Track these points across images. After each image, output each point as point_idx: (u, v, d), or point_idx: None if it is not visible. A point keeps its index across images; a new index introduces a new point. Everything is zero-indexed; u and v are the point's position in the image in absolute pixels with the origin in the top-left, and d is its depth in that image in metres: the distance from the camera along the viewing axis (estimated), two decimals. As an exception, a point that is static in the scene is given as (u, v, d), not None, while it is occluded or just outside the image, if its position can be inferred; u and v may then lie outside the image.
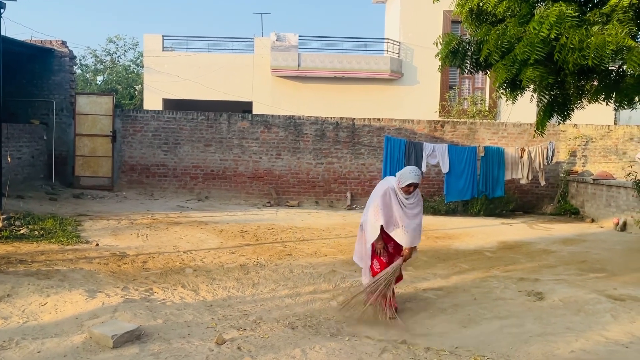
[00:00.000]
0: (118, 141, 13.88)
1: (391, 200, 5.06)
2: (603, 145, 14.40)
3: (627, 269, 7.56)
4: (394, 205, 5.05)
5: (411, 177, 4.96)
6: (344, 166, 14.17)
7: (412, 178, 4.96)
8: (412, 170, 5.04)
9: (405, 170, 5.09)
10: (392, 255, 5.24)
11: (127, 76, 27.99)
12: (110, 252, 7.27)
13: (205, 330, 4.57)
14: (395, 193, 5.07)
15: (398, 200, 5.05)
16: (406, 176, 4.99)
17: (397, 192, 5.06)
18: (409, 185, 4.97)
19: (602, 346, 4.53)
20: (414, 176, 4.97)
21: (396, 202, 5.05)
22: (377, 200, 5.12)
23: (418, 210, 5.14)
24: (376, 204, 5.10)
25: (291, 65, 19.22)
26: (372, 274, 5.23)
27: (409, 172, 5.02)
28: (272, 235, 9.26)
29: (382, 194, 5.10)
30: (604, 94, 6.51)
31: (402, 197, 5.05)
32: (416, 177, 4.97)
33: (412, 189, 5.02)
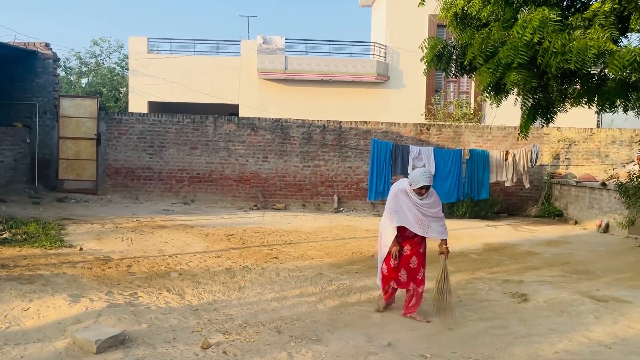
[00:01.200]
0: (102, 144, 13.76)
1: (404, 200, 5.16)
2: (586, 148, 14.58)
3: (609, 270, 7.65)
4: (408, 206, 5.14)
5: (422, 180, 5.04)
6: (330, 169, 14.18)
7: (423, 181, 5.03)
8: (422, 173, 5.11)
9: (416, 172, 5.17)
10: (407, 256, 5.24)
11: (111, 79, 27.76)
12: (94, 256, 7.20)
13: (191, 334, 4.54)
14: (407, 194, 5.16)
15: (412, 202, 5.14)
16: (417, 179, 5.07)
17: (410, 194, 5.14)
18: (421, 187, 5.06)
19: (585, 347, 4.58)
20: (425, 179, 5.04)
21: (410, 203, 5.14)
22: (390, 202, 5.26)
23: (438, 210, 5.23)
24: (389, 207, 5.25)
25: (278, 68, 19.21)
26: (381, 276, 5.34)
27: (420, 175, 5.09)
28: (258, 238, 9.24)
29: (393, 195, 5.25)
30: (587, 97, 6.58)
31: (416, 199, 5.13)
32: (427, 180, 5.04)
33: (424, 191, 5.10)
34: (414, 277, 5.24)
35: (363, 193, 13.86)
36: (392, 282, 5.30)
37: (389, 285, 5.34)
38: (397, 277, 5.25)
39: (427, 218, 5.16)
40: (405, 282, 5.26)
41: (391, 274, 5.26)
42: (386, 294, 5.44)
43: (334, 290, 6.17)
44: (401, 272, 5.25)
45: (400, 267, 5.23)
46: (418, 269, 5.25)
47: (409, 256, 5.24)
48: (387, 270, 5.29)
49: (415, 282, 5.25)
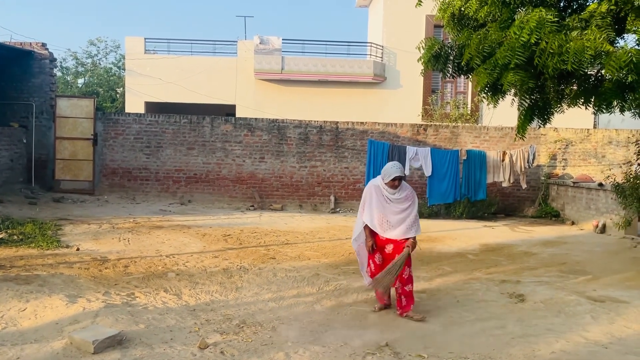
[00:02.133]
0: (99, 144, 13.74)
1: (374, 196, 5.21)
2: (583, 149, 14.62)
3: (606, 270, 7.67)
4: (378, 201, 5.18)
5: (394, 171, 5.07)
6: (327, 169, 14.19)
7: (395, 172, 5.06)
8: (393, 165, 5.17)
9: (387, 166, 5.21)
10: (391, 255, 5.23)
11: (108, 79, 27.74)
12: (91, 257, 7.18)
13: (188, 334, 4.53)
14: (380, 189, 5.20)
15: (383, 197, 5.17)
16: (389, 171, 5.11)
17: (382, 189, 5.19)
18: (394, 179, 5.08)
19: (582, 347, 4.59)
20: (396, 170, 5.08)
21: (380, 198, 5.18)
22: (363, 199, 5.36)
23: (408, 205, 5.20)
24: (361, 203, 5.36)
25: (275, 69, 19.21)
26: (370, 274, 5.36)
27: (391, 167, 5.14)
28: (255, 238, 9.23)
29: (366, 191, 5.33)
30: (583, 98, 6.61)
31: (387, 193, 5.16)
32: (398, 170, 5.07)
33: (397, 183, 5.11)
34: (400, 275, 5.19)
35: (360, 194, 13.83)
36: None
37: None
38: None
39: (392, 217, 5.15)
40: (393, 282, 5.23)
41: (377, 271, 5.26)
42: (377, 294, 5.45)
43: (331, 290, 6.17)
44: None
45: (385, 265, 5.21)
46: (403, 268, 5.17)
47: (392, 255, 5.22)
48: (373, 268, 5.32)
49: (402, 281, 5.22)
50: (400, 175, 5.09)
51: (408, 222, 5.19)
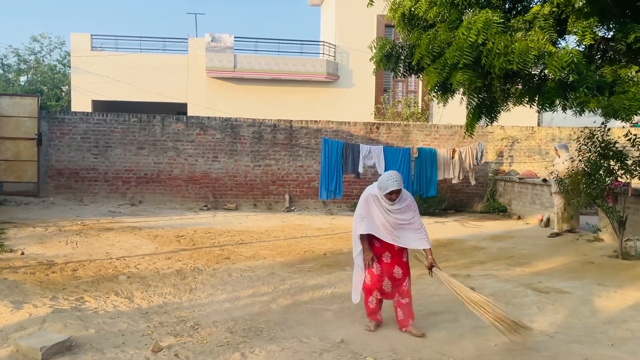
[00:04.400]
0: (44, 144, 13.24)
1: (373, 207, 4.77)
2: (528, 146, 15.16)
3: (550, 262, 7.99)
4: (378, 212, 4.75)
5: (390, 185, 4.61)
6: (282, 168, 14.16)
7: (391, 185, 4.61)
8: (389, 177, 4.65)
9: (383, 177, 4.72)
10: (389, 265, 4.83)
11: (53, 77, 26.77)
12: (37, 261, 6.92)
13: (141, 338, 4.44)
14: (378, 199, 4.76)
15: (382, 207, 4.74)
16: (385, 184, 4.65)
17: (380, 199, 4.74)
18: (390, 192, 4.64)
19: (529, 337, 4.75)
20: (392, 183, 4.61)
21: (379, 209, 4.75)
22: (359, 207, 4.86)
23: (410, 216, 4.78)
24: (358, 213, 4.85)
25: (227, 67, 19.01)
26: (364, 287, 4.88)
27: (387, 180, 4.65)
28: (209, 239, 9.12)
29: (363, 200, 4.84)
30: (528, 97, 6.83)
31: (386, 204, 4.73)
32: (394, 184, 4.60)
33: (394, 196, 4.67)
34: (399, 287, 4.84)
35: (314, 192, 13.91)
36: (375, 292, 4.85)
37: (372, 296, 4.88)
38: (381, 287, 4.83)
39: (397, 225, 4.74)
40: (390, 292, 4.86)
41: (375, 282, 4.81)
42: (369, 309, 4.93)
43: (287, 289, 6.17)
44: (385, 282, 4.83)
45: (384, 275, 4.81)
46: (403, 279, 4.85)
47: (391, 265, 4.83)
48: (370, 279, 4.82)
49: (400, 293, 4.86)
50: (397, 189, 4.63)
51: (420, 231, 4.80)
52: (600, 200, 8.31)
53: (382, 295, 4.88)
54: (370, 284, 4.83)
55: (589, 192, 8.21)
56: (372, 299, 4.88)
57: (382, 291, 4.85)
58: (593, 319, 5.33)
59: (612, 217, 8.27)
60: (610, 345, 4.60)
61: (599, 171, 8.19)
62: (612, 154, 8.16)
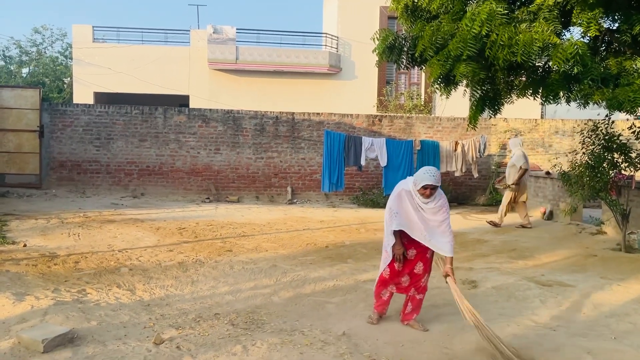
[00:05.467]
0: (46, 136, 13.23)
1: (406, 203, 4.56)
2: (531, 139, 15.09)
3: (553, 255, 7.97)
4: (410, 209, 4.55)
5: (426, 178, 4.37)
6: (284, 160, 14.14)
7: (426, 179, 4.37)
8: (427, 171, 4.44)
9: (420, 171, 4.50)
10: (412, 262, 4.74)
11: (54, 68, 26.72)
12: (40, 253, 6.93)
13: (143, 330, 4.44)
14: (412, 195, 4.54)
15: (415, 204, 4.54)
16: (420, 177, 4.42)
17: (413, 195, 4.53)
18: (425, 187, 4.40)
19: (531, 330, 4.75)
20: (429, 177, 4.37)
21: (412, 206, 4.54)
22: (391, 202, 4.65)
23: (442, 217, 4.56)
24: (390, 207, 4.65)
25: (229, 59, 18.94)
26: (379, 278, 4.80)
27: (424, 173, 4.43)
28: (211, 231, 9.12)
29: (396, 195, 4.63)
30: (532, 89, 6.78)
31: (419, 201, 4.51)
32: (431, 178, 4.36)
33: (428, 192, 4.42)
34: (416, 282, 4.77)
35: (317, 184, 13.90)
36: (391, 286, 4.79)
37: (386, 289, 4.82)
38: (399, 282, 4.76)
39: (428, 225, 4.55)
40: (406, 287, 4.80)
41: (393, 277, 4.74)
42: (380, 301, 4.87)
43: (289, 281, 6.16)
44: (404, 277, 4.76)
45: (404, 272, 4.74)
46: (422, 275, 4.77)
47: (414, 261, 4.74)
48: (389, 274, 4.73)
49: (417, 288, 4.79)
50: (434, 185, 4.39)
51: (448, 236, 4.58)
52: (604, 193, 8.27)
53: (398, 290, 4.82)
54: (388, 278, 4.75)
55: (592, 185, 8.18)
56: (386, 292, 4.82)
57: (399, 286, 4.80)
58: (596, 312, 5.31)
59: (616, 210, 8.23)
60: (613, 339, 4.58)
61: (603, 164, 8.15)
62: (616, 146, 8.11)
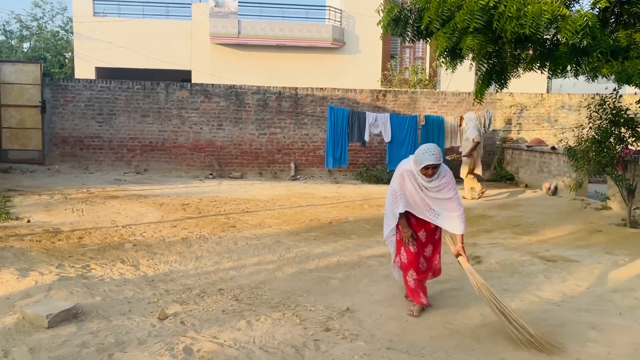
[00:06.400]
0: (48, 112, 13.16)
1: (409, 183, 4.37)
2: (537, 113, 14.94)
3: (558, 231, 7.94)
4: (412, 189, 4.36)
5: (426, 158, 4.15)
6: (287, 136, 14.05)
7: (427, 159, 4.15)
8: (426, 150, 4.20)
9: (420, 150, 4.26)
10: (424, 244, 4.58)
11: (56, 43, 26.49)
12: (43, 229, 6.93)
13: (147, 305, 4.45)
14: (414, 175, 4.34)
15: (418, 183, 4.35)
16: (420, 157, 4.20)
17: (416, 175, 4.32)
18: (426, 167, 4.19)
19: (536, 305, 4.74)
20: (429, 156, 4.14)
21: (415, 186, 4.35)
22: (394, 183, 4.47)
23: (449, 194, 4.34)
24: (393, 189, 4.47)
25: (231, 33, 18.71)
26: (400, 265, 4.63)
27: (423, 153, 4.19)
28: (215, 207, 9.10)
29: (398, 176, 4.44)
30: (539, 62, 6.65)
31: (422, 181, 4.31)
32: (432, 157, 4.14)
33: (430, 172, 4.22)
34: (430, 264, 4.63)
35: (320, 160, 13.83)
36: (411, 270, 4.55)
37: (408, 275, 4.60)
38: (418, 266, 4.56)
39: (435, 204, 4.37)
40: (424, 271, 4.62)
41: (412, 261, 4.53)
42: (411, 289, 4.62)
43: (292, 257, 6.16)
44: (421, 260, 4.58)
45: (420, 254, 4.56)
46: (434, 256, 4.64)
47: (425, 243, 4.58)
48: (407, 258, 4.53)
49: (434, 271, 4.68)
50: (435, 164, 4.17)
51: (458, 212, 4.39)
52: (610, 168, 8.20)
53: (419, 275, 4.58)
54: (407, 262, 4.54)
55: (598, 160, 8.10)
56: (410, 278, 4.60)
57: (419, 270, 4.58)
58: (600, 287, 5.30)
59: (622, 185, 8.17)
60: (618, 314, 4.57)
61: (609, 138, 8.06)
62: (623, 121, 8.01)
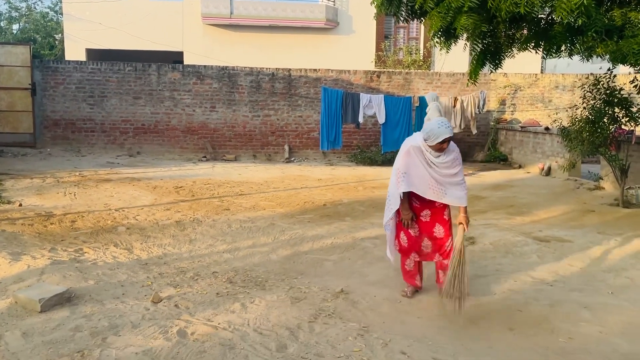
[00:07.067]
0: (38, 94, 13.01)
1: (416, 160, 4.22)
2: (530, 94, 14.91)
3: (551, 211, 7.97)
4: (421, 166, 4.21)
5: (442, 132, 4.01)
6: (281, 118, 13.98)
7: (444, 133, 4.01)
8: (441, 123, 4.07)
9: (432, 124, 4.10)
10: (429, 224, 4.39)
11: (45, 24, 26.10)
12: (35, 212, 6.89)
13: (141, 289, 4.43)
14: (422, 152, 4.20)
15: (426, 160, 4.20)
16: (436, 131, 4.04)
17: (424, 151, 4.19)
18: (442, 142, 4.06)
19: (529, 285, 4.77)
20: (445, 129, 4.02)
21: (423, 162, 4.21)
22: (399, 161, 4.32)
23: (457, 170, 4.24)
24: (397, 168, 4.32)
25: (223, 13, 18.47)
26: (400, 249, 4.47)
27: (438, 127, 4.04)
28: (208, 190, 9.07)
29: (404, 153, 4.29)
30: (534, 42, 6.60)
31: (431, 157, 4.18)
32: (448, 130, 4.02)
33: (446, 146, 4.11)
34: (440, 247, 4.39)
35: (314, 142, 13.79)
36: (413, 254, 4.44)
37: (409, 259, 4.47)
38: (420, 248, 4.43)
39: (443, 180, 4.22)
40: (429, 253, 4.44)
41: (412, 245, 4.39)
42: (407, 272, 4.51)
43: (287, 240, 6.16)
44: (424, 242, 4.42)
45: (423, 236, 4.40)
46: (445, 238, 4.36)
47: (431, 223, 4.38)
48: (407, 241, 4.39)
49: (442, 254, 4.41)
50: (450, 137, 4.05)
51: (462, 187, 4.28)
52: (603, 149, 8.22)
53: (421, 257, 4.48)
54: (407, 246, 4.41)
55: (592, 140, 8.11)
56: (410, 261, 4.47)
57: (421, 252, 4.46)
58: (593, 267, 5.33)
59: (615, 165, 8.19)
60: (610, 294, 4.61)
61: (603, 119, 8.06)
62: (617, 101, 8.00)
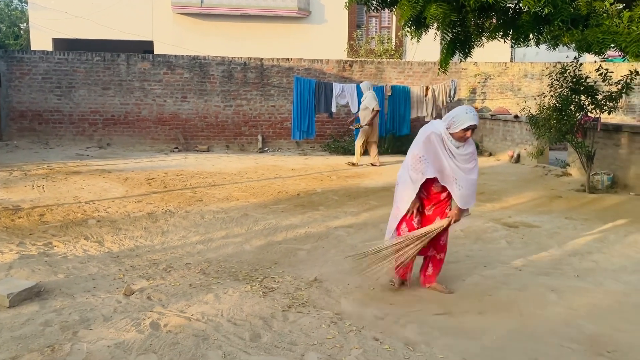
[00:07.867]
0: (4, 85, 12.68)
1: (437, 147, 4.02)
2: (500, 82, 15.13)
3: (520, 197, 8.14)
4: (442, 155, 4.02)
5: (469, 118, 3.86)
6: (254, 108, 13.90)
7: (470, 119, 3.85)
8: (468, 110, 3.92)
9: (459, 111, 3.95)
10: (430, 217, 4.29)
11: (9, 13, 25.31)
12: (2, 206, 6.74)
13: (112, 282, 4.39)
14: (442, 140, 4.01)
15: (446, 149, 4.01)
16: (462, 117, 3.88)
17: (445, 139, 4.00)
18: (466, 129, 3.89)
19: (498, 271, 4.87)
20: (472, 116, 3.87)
21: (444, 151, 4.02)
22: (418, 147, 4.10)
23: (473, 165, 4.09)
24: (416, 153, 4.10)
25: (193, 2, 18.20)
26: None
27: (466, 112, 3.89)
28: (181, 181, 8.99)
29: (424, 139, 4.07)
30: (502, 31, 6.70)
31: (452, 146, 3.99)
32: (475, 117, 3.87)
33: (470, 134, 3.94)
34: (436, 241, 4.30)
35: (288, 132, 13.76)
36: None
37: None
38: None
39: (459, 174, 4.03)
40: (425, 247, 4.28)
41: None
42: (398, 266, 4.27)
43: (260, 230, 6.16)
44: None
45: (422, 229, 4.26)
46: (443, 232, 4.27)
47: (432, 216, 4.28)
48: (407, 231, 4.24)
49: (436, 247, 4.35)
50: (476, 125, 3.89)
51: (473, 188, 4.11)
52: (570, 136, 8.40)
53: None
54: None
55: (559, 128, 8.28)
56: None
57: None
58: (560, 251, 5.47)
59: (581, 152, 8.39)
60: (576, 277, 4.74)
61: (570, 106, 8.23)
62: (583, 89, 8.18)
